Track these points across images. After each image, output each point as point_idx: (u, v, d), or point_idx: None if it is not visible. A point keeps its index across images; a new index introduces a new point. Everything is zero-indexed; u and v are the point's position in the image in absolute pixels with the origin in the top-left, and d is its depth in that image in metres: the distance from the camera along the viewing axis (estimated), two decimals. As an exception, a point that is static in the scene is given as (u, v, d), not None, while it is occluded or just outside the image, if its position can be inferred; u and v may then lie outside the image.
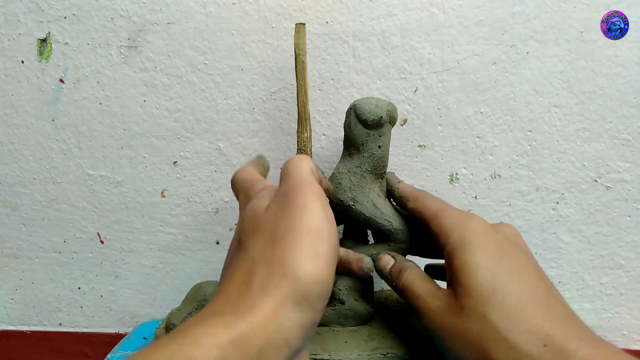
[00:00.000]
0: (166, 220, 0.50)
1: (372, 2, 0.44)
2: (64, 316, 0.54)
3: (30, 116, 0.48)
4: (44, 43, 0.46)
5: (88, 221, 0.50)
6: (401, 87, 0.45)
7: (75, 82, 0.47)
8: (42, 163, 0.49)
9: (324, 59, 0.45)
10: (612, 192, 0.46)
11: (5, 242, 0.52)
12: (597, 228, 0.47)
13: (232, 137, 0.47)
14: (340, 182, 0.35)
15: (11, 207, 0.51)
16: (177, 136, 0.47)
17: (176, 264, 0.51)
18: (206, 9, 0.45)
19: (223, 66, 0.46)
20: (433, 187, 0.47)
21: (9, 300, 0.54)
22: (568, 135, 0.45)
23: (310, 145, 0.39)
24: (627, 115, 0.45)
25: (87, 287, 0.52)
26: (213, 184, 0.48)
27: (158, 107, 0.47)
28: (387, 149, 0.35)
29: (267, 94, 0.46)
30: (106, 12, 0.45)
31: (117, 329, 0.53)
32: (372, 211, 0.34)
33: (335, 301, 0.35)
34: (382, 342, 0.33)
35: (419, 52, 0.45)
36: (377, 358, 0.32)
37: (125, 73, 0.46)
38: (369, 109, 0.33)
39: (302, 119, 0.39)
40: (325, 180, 0.33)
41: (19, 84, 0.47)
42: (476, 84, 0.45)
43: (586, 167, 0.46)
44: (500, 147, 0.46)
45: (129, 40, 0.46)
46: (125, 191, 0.49)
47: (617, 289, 0.49)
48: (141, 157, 0.48)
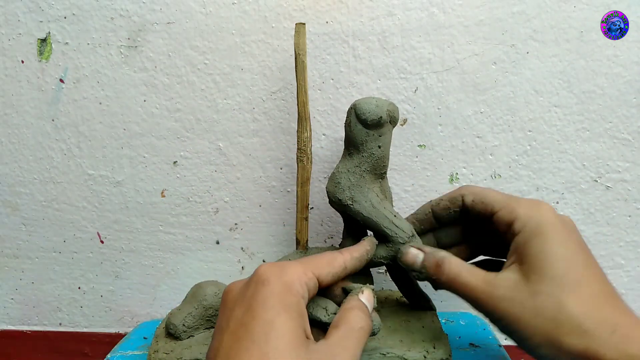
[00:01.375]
0: (166, 220, 0.50)
1: (372, 2, 0.44)
2: (64, 316, 0.54)
3: (30, 116, 0.48)
4: (44, 43, 0.46)
5: (88, 221, 0.50)
6: (401, 87, 0.45)
7: (75, 82, 0.47)
8: (42, 163, 0.49)
9: (324, 58, 0.45)
10: (612, 192, 0.46)
11: (5, 242, 0.52)
12: (597, 228, 0.47)
13: (232, 137, 0.47)
14: (339, 181, 0.35)
15: (11, 207, 0.51)
16: (177, 136, 0.48)
17: (176, 264, 0.51)
18: (206, 8, 0.45)
19: (223, 66, 0.46)
20: (433, 187, 0.47)
21: (9, 300, 0.54)
22: (568, 135, 0.45)
23: (310, 145, 0.39)
24: (627, 115, 0.45)
25: (87, 287, 0.52)
26: (213, 183, 0.48)
27: (158, 107, 0.47)
28: (387, 149, 0.35)
29: (267, 94, 0.46)
30: (106, 12, 0.45)
31: (117, 328, 0.54)
32: (370, 211, 0.34)
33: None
34: (382, 342, 0.33)
35: (419, 52, 0.45)
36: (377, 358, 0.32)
37: (125, 73, 0.46)
38: (369, 108, 0.33)
39: (302, 119, 0.39)
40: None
41: (19, 84, 0.47)
42: (476, 83, 0.45)
43: (586, 167, 0.46)
44: (500, 147, 0.46)
45: (129, 40, 0.46)
46: (125, 191, 0.49)
47: (617, 288, 0.48)
48: (141, 157, 0.48)
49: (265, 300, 0.24)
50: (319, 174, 0.47)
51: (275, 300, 0.24)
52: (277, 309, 0.24)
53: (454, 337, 0.40)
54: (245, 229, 0.49)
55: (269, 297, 0.24)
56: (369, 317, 0.28)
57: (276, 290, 0.24)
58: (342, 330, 0.26)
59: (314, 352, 0.23)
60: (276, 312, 0.24)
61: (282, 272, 0.25)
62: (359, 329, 0.26)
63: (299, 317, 0.24)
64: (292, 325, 0.23)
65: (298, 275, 0.26)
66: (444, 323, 0.41)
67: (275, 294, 0.24)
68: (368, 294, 0.29)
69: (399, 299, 0.41)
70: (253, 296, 0.25)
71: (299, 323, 0.24)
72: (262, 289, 0.25)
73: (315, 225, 0.48)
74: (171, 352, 0.35)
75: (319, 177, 0.47)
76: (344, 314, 0.27)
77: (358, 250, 0.31)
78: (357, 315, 0.27)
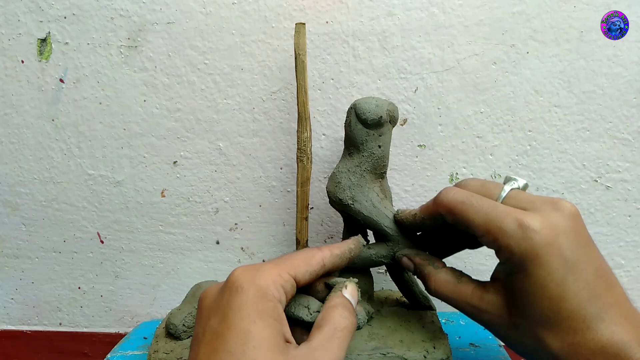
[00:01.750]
0: (166, 220, 0.50)
1: (372, 2, 0.44)
2: (64, 316, 0.54)
3: (30, 116, 0.48)
4: (44, 43, 0.46)
5: (88, 221, 0.50)
6: (401, 87, 0.45)
7: (75, 82, 0.47)
8: (42, 163, 0.49)
9: (324, 58, 0.45)
10: (612, 192, 0.46)
11: (5, 242, 0.52)
12: (597, 228, 0.47)
13: (232, 137, 0.47)
14: (339, 181, 0.35)
15: (11, 207, 0.51)
16: (177, 136, 0.47)
17: (176, 264, 0.51)
18: (206, 8, 0.45)
19: (223, 66, 0.46)
20: (433, 187, 0.47)
21: (9, 300, 0.54)
22: (568, 135, 0.45)
23: (310, 145, 0.39)
24: (627, 115, 0.45)
25: (87, 287, 0.52)
26: (213, 183, 0.48)
27: (158, 106, 0.47)
28: (387, 148, 0.35)
29: (267, 94, 0.46)
30: (106, 12, 0.45)
31: (117, 328, 0.53)
32: (370, 210, 0.34)
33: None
34: (382, 342, 0.33)
35: (419, 52, 0.45)
36: (377, 358, 0.32)
37: (125, 73, 0.46)
38: (369, 108, 0.33)
39: (302, 119, 0.39)
40: None
41: (19, 84, 0.47)
42: (476, 83, 0.45)
43: (586, 167, 0.46)
44: (500, 146, 0.46)
45: (129, 40, 0.46)
46: (125, 191, 0.49)
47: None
48: (141, 156, 0.48)
49: (240, 308, 0.23)
50: (319, 174, 0.47)
51: (251, 307, 0.23)
52: (253, 317, 0.23)
53: (454, 337, 0.40)
54: (245, 229, 0.49)
55: (243, 305, 0.23)
56: (354, 314, 0.27)
57: (251, 296, 0.24)
58: (325, 332, 0.25)
59: (294, 358, 0.23)
60: (252, 320, 0.23)
61: (255, 277, 0.24)
62: (342, 329, 0.25)
63: (276, 322, 0.24)
64: (269, 333, 0.23)
65: (273, 278, 0.25)
66: (444, 323, 0.41)
67: (249, 301, 0.23)
68: (352, 288, 0.29)
69: (399, 299, 0.41)
70: (228, 304, 0.24)
71: (276, 329, 0.23)
72: (236, 297, 0.24)
73: (315, 225, 0.48)
74: (171, 352, 0.35)
75: (319, 177, 0.47)
76: (327, 313, 0.26)
77: (339, 248, 0.30)
78: (340, 314, 0.26)
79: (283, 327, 0.24)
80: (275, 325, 0.23)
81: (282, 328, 0.24)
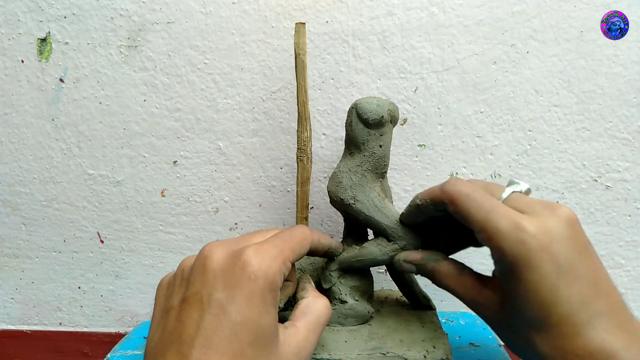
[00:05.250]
0: (166, 220, 0.50)
1: (372, 2, 0.44)
2: (64, 316, 0.54)
3: (30, 116, 0.48)
4: (44, 42, 0.46)
5: (88, 221, 0.50)
6: (401, 87, 0.45)
7: (75, 82, 0.47)
8: (42, 162, 0.49)
9: (324, 58, 0.45)
10: (612, 191, 0.46)
11: (5, 241, 0.52)
12: (597, 228, 0.47)
13: (232, 137, 0.47)
14: (341, 180, 0.35)
15: (11, 206, 0.51)
16: (177, 136, 0.47)
17: (176, 264, 0.51)
18: (206, 8, 0.45)
19: (223, 66, 0.46)
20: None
21: (9, 299, 0.54)
22: (568, 134, 0.45)
23: (310, 145, 0.39)
24: (627, 114, 0.45)
25: (87, 287, 0.52)
26: (213, 183, 0.48)
27: (158, 106, 0.47)
28: (388, 148, 0.35)
29: (267, 94, 0.46)
30: (106, 11, 0.45)
31: (117, 328, 0.53)
32: (371, 210, 0.34)
33: (335, 301, 0.35)
34: (382, 341, 0.33)
35: (419, 52, 0.45)
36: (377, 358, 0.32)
37: (125, 72, 0.46)
38: (370, 108, 0.33)
39: (302, 119, 0.39)
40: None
41: (19, 84, 0.47)
42: (476, 83, 0.45)
43: (586, 166, 0.46)
44: (500, 146, 0.46)
45: (129, 40, 0.46)
46: (125, 191, 0.49)
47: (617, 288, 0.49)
48: (141, 156, 0.48)
49: (251, 298, 0.24)
50: (319, 174, 0.47)
51: (259, 299, 0.24)
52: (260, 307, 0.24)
53: (454, 336, 0.40)
54: (245, 228, 0.49)
55: (253, 295, 0.24)
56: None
57: (260, 287, 0.24)
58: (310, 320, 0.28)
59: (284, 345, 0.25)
60: (258, 310, 0.24)
61: (267, 268, 0.25)
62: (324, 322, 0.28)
63: (275, 309, 0.25)
64: (269, 322, 0.24)
65: (279, 267, 0.25)
66: (444, 323, 0.41)
67: (259, 292, 0.24)
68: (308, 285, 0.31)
69: (399, 298, 0.41)
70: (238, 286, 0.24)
71: (275, 317, 0.25)
72: (248, 284, 0.24)
73: (315, 225, 0.48)
74: (171, 351, 0.35)
75: (319, 176, 0.47)
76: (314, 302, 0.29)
77: (326, 239, 0.33)
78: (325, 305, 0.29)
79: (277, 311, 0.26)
80: (274, 312, 0.25)
81: (277, 313, 0.25)
